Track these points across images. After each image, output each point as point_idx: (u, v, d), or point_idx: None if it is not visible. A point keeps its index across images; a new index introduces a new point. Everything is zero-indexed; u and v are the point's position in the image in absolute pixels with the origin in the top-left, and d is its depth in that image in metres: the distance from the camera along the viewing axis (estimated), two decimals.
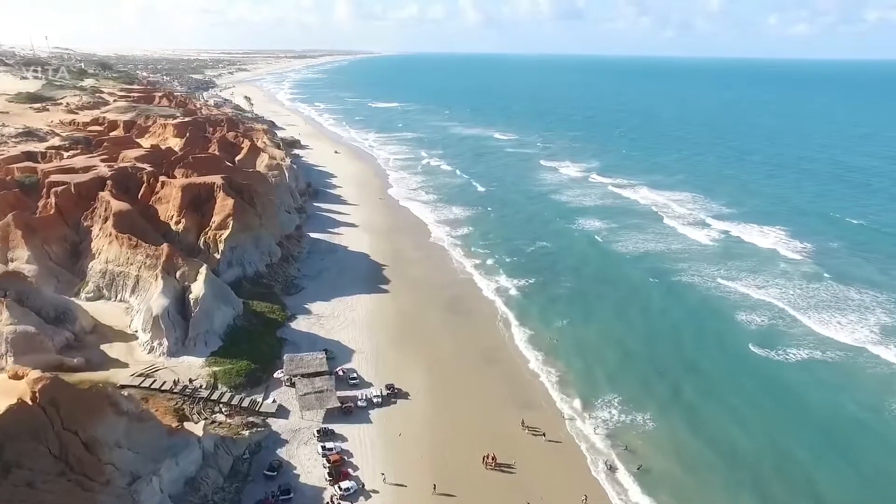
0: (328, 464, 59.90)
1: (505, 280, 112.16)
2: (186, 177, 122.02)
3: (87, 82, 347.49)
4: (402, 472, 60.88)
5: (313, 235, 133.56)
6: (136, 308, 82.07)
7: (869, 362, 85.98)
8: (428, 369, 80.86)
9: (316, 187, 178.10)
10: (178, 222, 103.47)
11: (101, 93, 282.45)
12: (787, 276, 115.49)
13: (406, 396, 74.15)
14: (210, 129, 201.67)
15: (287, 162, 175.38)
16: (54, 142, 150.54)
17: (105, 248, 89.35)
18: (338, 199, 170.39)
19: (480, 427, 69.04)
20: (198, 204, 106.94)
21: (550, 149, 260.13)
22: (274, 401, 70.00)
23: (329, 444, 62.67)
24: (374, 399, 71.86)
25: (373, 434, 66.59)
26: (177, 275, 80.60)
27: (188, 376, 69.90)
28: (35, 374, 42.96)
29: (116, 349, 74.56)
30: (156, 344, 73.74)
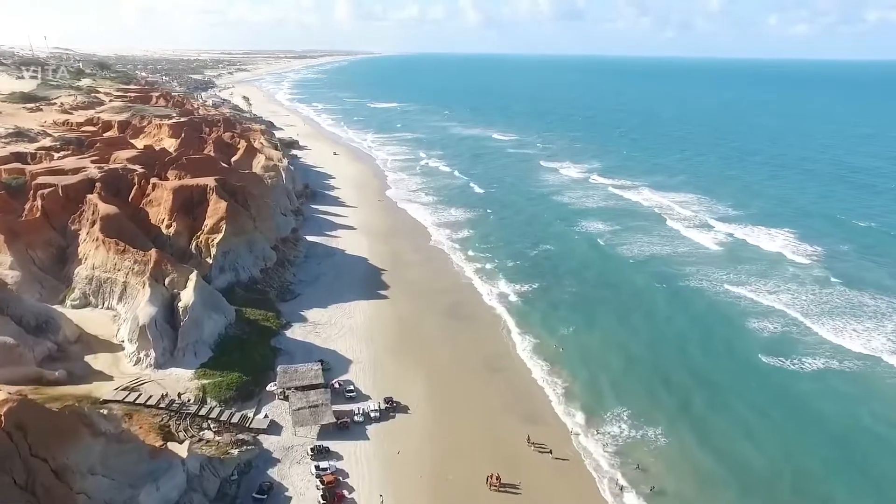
0: (322, 485, 56.38)
1: (506, 285, 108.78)
2: (180, 178, 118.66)
3: (84, 82, 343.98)
4: (401, 494, 57.43)
5: (310, 238, 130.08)
6: (123, 316, 78.60)
7: (886, 372, 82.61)
8: (428, 380, 77.41)
9: (314, 189, 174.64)
10: (169, 226, 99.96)
11: (97, 93, 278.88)
12: (796, 281, 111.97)
13: (405, 410, 70.66)
14: (206, 129, 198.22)
15: (284, 163, 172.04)
16: (45, 142, 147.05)
17: (92, 253, 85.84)
18: (336, 201, 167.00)
19: (484, 443, 65.61)
20: (190, 207, 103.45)
21: (550, 149, 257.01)
22: (266, 416, 66.50)
23: (323, 464, 59.16)
24: (372, 413, 68.38)
25: (370, 452, 63.10)
26: (165, 282, 77.06)
27: (176, 390, 66.39)
28: (0, 396, 39.44)
29: (101, 360, 71.07)
30: (142, 355, 70.24)
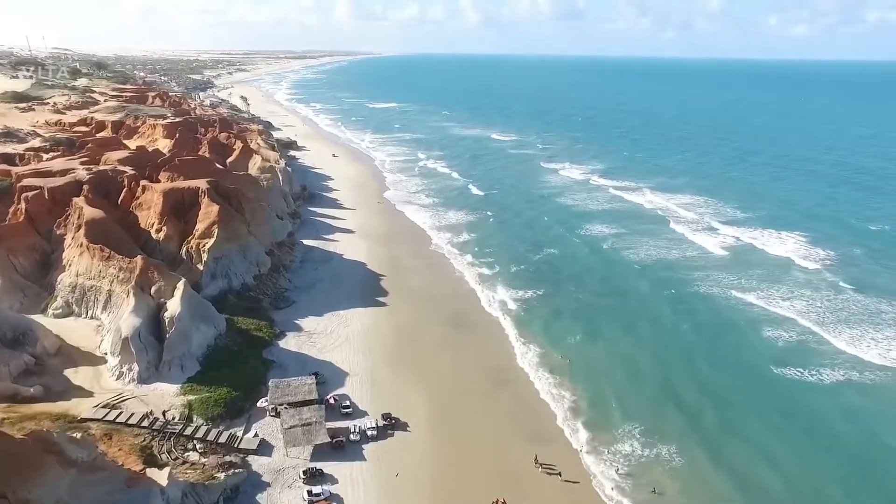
0: None
1: (509, 291, 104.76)
2: (172, 180, 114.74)
3: (80, 82, 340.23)
4: None
5: (307, 242, 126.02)
6: (107, 327, 74.54)
7: None
8: (428, 394, 73.37)
9: (311, 190, 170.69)
10: (158, 230, 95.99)
11: (93, 92, 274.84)
12: (807, 287, 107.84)
13: (404, 427, 66.61)
14: (202, 129, 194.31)
15: (281, 164, 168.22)
16: (34, 143, 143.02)
17: (76, 259, 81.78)
18: (334, 203, 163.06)
19: (488, 464, 61.53)
20: (181, 210, 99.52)
21: (551, 150, 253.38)
22: (256, 434, 62.42)
23: (316, 489, 55.02)
24: (369, 431, 64.35)
25: (367, 474, 59.02)
26: (151, 290, 73.03)
27: (160, 407, 62.39)
28: None
29: (82, 375, 67.03)
30: (125, 369, 66.19)
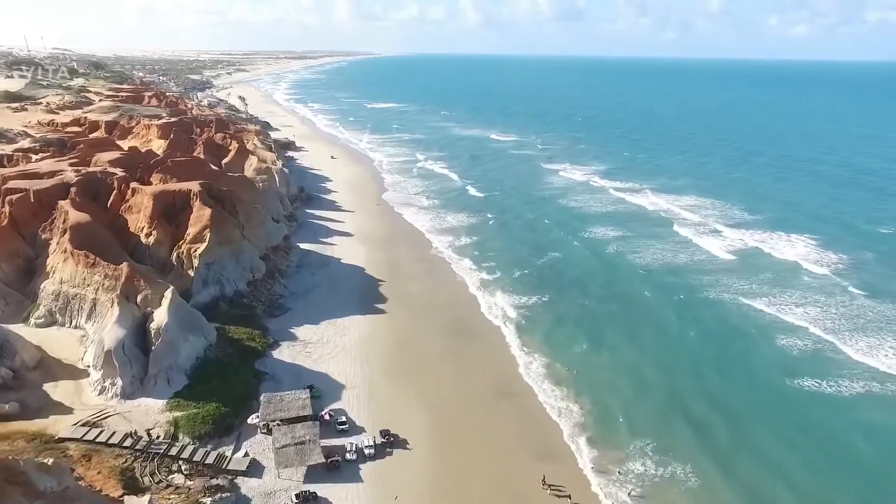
0: None
1: (512, 297, 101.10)
2: (164, 182, 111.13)
3: (76, 82, 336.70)
4: None
5: (303, 246, 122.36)
6: (91, 337, 70.81)
7: None
8: (429, 409, 69.67)
9: (309, 192, 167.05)
10: (148, 234, 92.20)
11: (88, 92, 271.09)
12: (818, 293, 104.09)
13: (404, 445, 62.90)
14: (197, 130, 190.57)
15: (278, 165, 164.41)
16: (24, 144, 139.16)
17: (59, 265, 78.01)
18: (332, 205, 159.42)
19: (493, 485, 57.89)
20: (172, 214, 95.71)
21: (551, 150, 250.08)
22: (246, 454, 58.67)
23: None
24: (367, 450, 60.60)
25: (364, 497, 55.29)
26: (137, 299, 69.30)
27: (144, 424, 58.64)
28: None
29: (62, 389, 63.30)
30: (108, 384, 62.44)
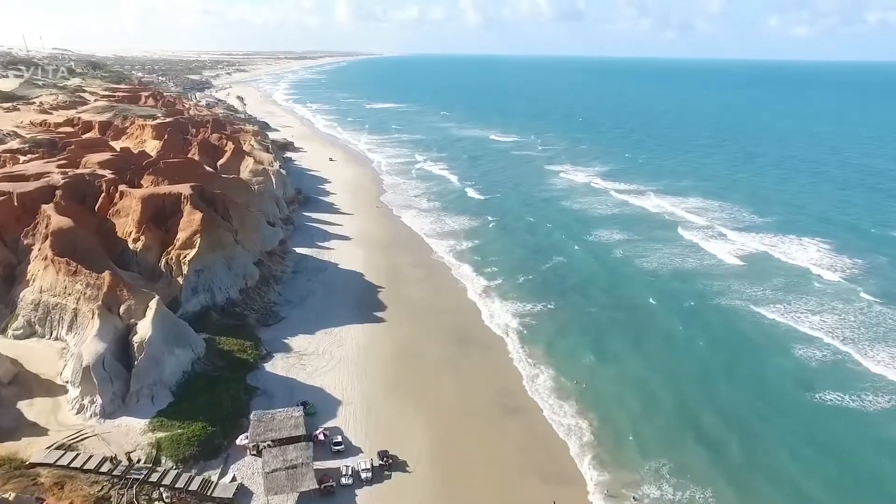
0: None
1: (515, 305, 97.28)
2: (156, 184, 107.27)
3: (73, 81, 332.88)
4: None
5: (300, 251, 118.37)
6: (71, 350, 66.75)
7: None
8: (430, 426, 65.69)
9: (307, 194, 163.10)
10: (136, 240, 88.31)
11: (83, 92, 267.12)
12: (832, 300, 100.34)
13: (403, 468, 58.83)
14: (193, 130, 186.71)
15: (275, 166, 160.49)
16: (12, 144, 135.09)
17: (40, 273, 73.96)
18: (330, 208, 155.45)
19: None
20: (161, 218, 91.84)
21: (552, 151, 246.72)
22: (234, 479, 54.60)
23: None
24: (363, 473, 56.54)
25: None
26: (120, 310, 65.27)
27: (124, 447, 54.59)
28: None
29: (38, 408, 59.23)
30: (86, 402, 58.37)
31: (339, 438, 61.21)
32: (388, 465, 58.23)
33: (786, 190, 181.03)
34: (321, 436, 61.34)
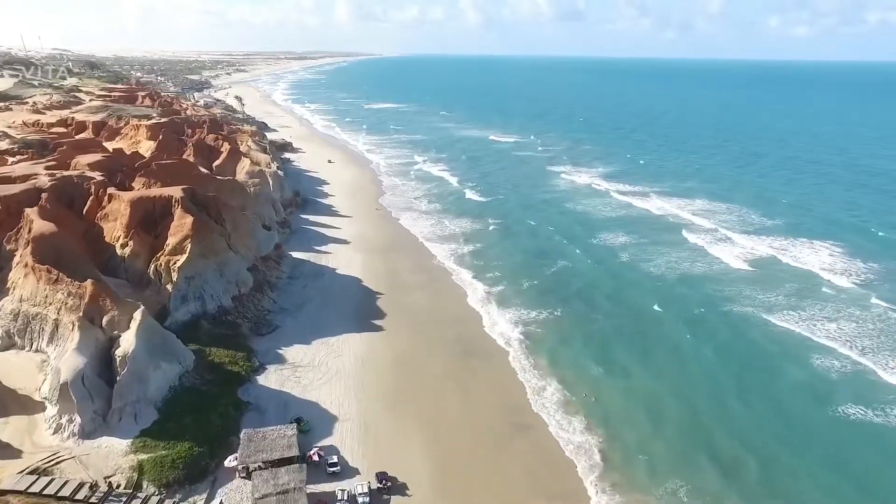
0: None
1: (517, 313, 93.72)
2: (147, 187, 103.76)
3: (69, 81, 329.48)
4: None
5: (296, 255, 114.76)
6: (52, 364, 63.12)
7: None
8: (431, 445, 62.06)
9: (305, 196, 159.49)
10: (124, 245, 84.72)
11: (79, 92, 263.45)
12: (846, 308, 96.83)
13: (403, 491, 55.20)
14: (189, 130, 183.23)
15: (272, 168, 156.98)
16: (1, 145, 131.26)
17: (20, 281, 70.32)
18: (328, 210, 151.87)
19: None
20: (151, 222, 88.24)
21: (552, 152, 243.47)
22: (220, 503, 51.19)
23: None
24: (360, 498, 52.86)
25: None
26: (103, 321, 61.68)
27: (102, 471, 50.94)
28: None
29: (12, 427, 55.56)
30: (64, 421, 54.73)
31: (335, 459, 57.53)
32: (386, 489, 54.60)
33: (791, 191, 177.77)
34: (315, 456, 57.67)
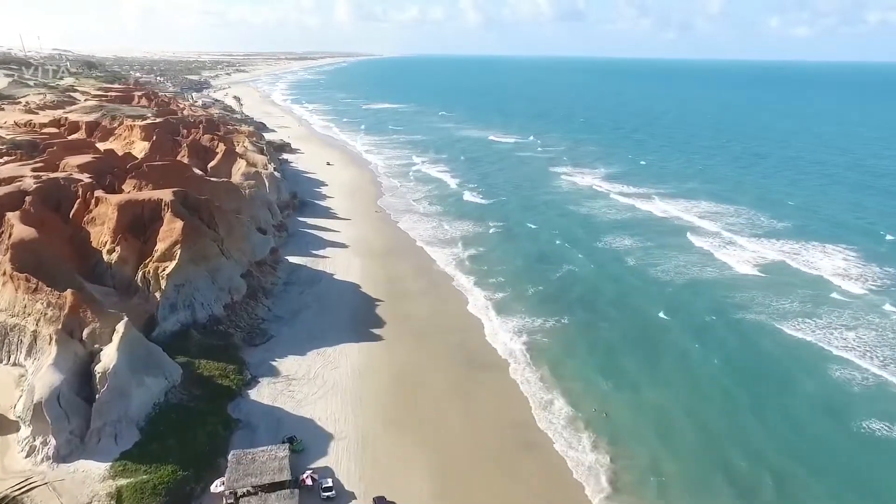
0: None
1: (521, 321, 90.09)
2: (139, 189, 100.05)
3: (66, 81, 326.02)
4: None
5: (293, 260, 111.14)
6: (29, 379, 59.43)
7: None
8: (433, 466, 58.32)
9: (303, 198, 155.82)
10: (111, 251, 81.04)
11: (75, 92, 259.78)
12: (862, 315, 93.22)
13: None
14: (184, 131, 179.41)
15: (269, 169, 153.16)
16: None
17: None
18: (327, 212, 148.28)
19: None
20: (139, 227, 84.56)
21: (553, 152, 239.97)
22: None
23: None
24: None
25: None
26: (83, 334, 58.02)
27: (78, 499, 47.28)
28: None
29: None
30: (38, 443, 51.03)
31: (330, 482, 53.75)
32: None
33: (796, 193, 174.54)
34: (309, 479, 53.90)
